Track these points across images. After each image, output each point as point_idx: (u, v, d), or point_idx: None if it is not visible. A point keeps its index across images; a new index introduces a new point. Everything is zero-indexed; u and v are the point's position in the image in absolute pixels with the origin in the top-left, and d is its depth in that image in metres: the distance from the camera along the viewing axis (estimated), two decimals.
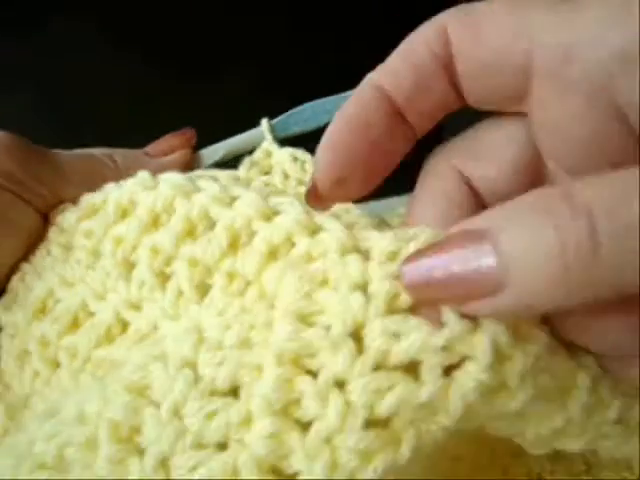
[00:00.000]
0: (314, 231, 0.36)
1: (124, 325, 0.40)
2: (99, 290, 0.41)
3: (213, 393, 0.32)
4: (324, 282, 0.33)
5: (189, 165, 0.56)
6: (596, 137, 0.31)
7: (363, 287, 0.32)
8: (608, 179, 0.26)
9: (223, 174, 0.54)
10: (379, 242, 0.34)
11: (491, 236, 0.26)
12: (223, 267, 0.37)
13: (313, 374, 0.31)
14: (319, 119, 0.57)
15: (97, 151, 0.51)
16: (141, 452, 0.32)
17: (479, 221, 0.28)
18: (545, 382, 0.33)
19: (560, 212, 0.26)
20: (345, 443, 0.30)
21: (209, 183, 0.40)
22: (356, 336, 0.31)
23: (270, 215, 0.37)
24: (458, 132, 0.38)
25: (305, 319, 0.32)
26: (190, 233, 0.39)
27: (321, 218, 0.36)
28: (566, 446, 0.36)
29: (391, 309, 0.31)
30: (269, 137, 0.56)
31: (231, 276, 0.37)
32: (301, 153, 0.56)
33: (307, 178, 0.54)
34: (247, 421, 0.31)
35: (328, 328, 0.31)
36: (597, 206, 0.25)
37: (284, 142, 0.58)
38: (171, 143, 0.55)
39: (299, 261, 0.34)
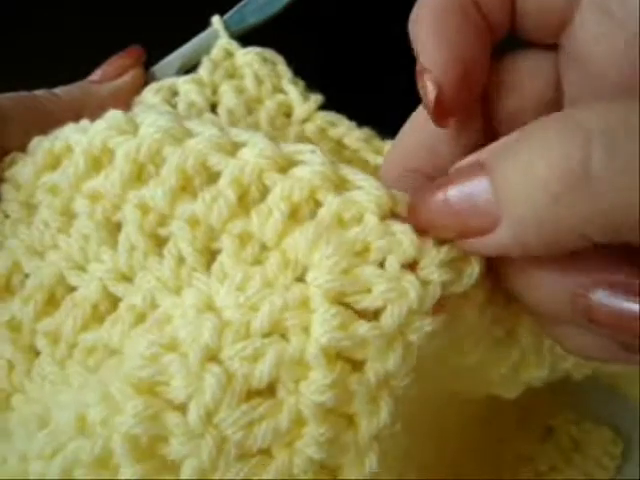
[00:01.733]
0: (343, 186, 0.31)
1: (114, 301, 0.34)
2: (78, 259, 0.34)
3: (250, 395, 0.28)
4: (364, 252, 0.29)
5: (142, 87, 0.48)
6: (628, 76, 0.31)
7: (413, 266, 0.29)
8: (615, 105, 0.25)
9: (183, 81, 0.47)
10: None
11: (488, 169, 0.26)
12: (232, 228, 0.31)
13: (360, 369, 0.29)
14: (274, 4, 0.50)
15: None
16: (173, 468, 0.28)
17: (479, 155, 0.27)
18: (497, 332, 0.34)
19: (553, 137, 0.24)
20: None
21: (204, 126, 0.33)
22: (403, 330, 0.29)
23: (285, 165, 0.31)
24: None
25: (348, 302, 0.29)
26: (186, 187, 0.32)
27: (349, 170, 0.31)
28: (534, 376, 0.37)
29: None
30: (224, 34, 0.49)
31: (243, 239, 0.31)
32: (270, 53, 0.48)
33: (284, 83, 0.47)
34: (298, 425, 0.28)
35: (377, 316, 0.29)
36: (596, 130, 0.24)
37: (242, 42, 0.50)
38: (118, 64, 0.47)
39: (331, 225, 0.30)
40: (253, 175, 0.31)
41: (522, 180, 0.25)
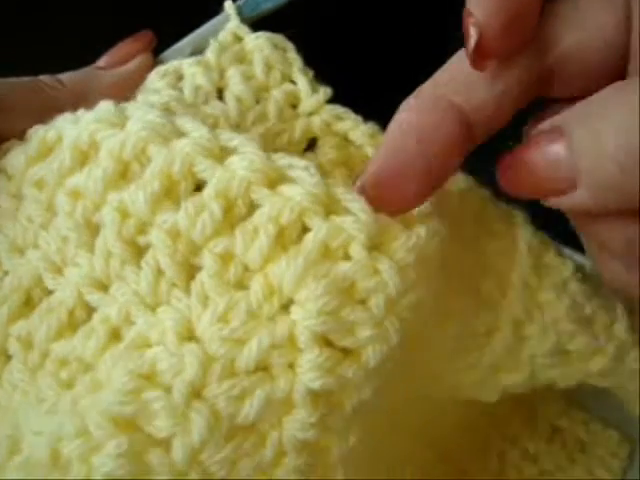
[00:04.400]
0: (332, 209, 0.30)
1: (89, 310, 0.32)
2: (55, 260, 0.33)
3: (234, 433, 0.28)
4: (350, 289, 0.29)
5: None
6: None
7: (395, 310, 0.29)
8: None
9: (189, 63, 0.43)
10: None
11: (566, 133, 0.28)
12: (214, 246, 0.30)
13: (339, 404, 0.29)
14: None
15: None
16: None
17: (558, 119, 0.29)
18: (479, 329, 0.36)
19: (624, 110, 0.26)
20: None
21: (194, 124, 0.31)
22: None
23: (275, 179, 0.30)
24: None
25: (331, 339, 0.29)
26: (169, 193, 0.31)
27: (340, 191, 0.30)
28: (510, 381, 0.38)
29: None
30: (235, 18, 0.45)
31: (225, 259, 0.30)
32: (280, 39, 0.45)
33: (293, 71, 0.44)
34: (279, 457, 0.29)
35: (359, 357, 0.29)
36: None
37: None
38: (127, 50, 0.44)
39: (318, 258, 0.29)
40: (240, 189, 0.30)
41: (593, 148, 0.27)
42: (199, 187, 0.30)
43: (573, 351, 0.37)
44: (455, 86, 0.32)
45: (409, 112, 0.31)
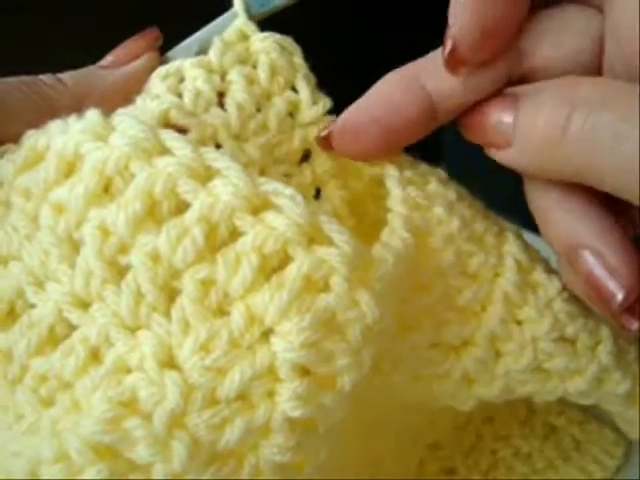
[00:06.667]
0: (316, 239, 0.30)
1: (70, 326, 0.32)
2: (38, 274, 0.33)
3: (214, 459, 0.29)
4: (331, 321, 0.29)
5: None
6: None
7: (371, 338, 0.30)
8: (602, 82, 0.33)
9: (190, 64, 0.41)
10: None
11: (519, 102, 0.33)
12: (196, 273, 0.30)
13: (314, 427, 0.30)
14: None
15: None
16: None
17: (522, 88, 0.35)
18: (453, 341, 0.37)
19: (557, 99, 0.32)
20: None
21: (179, 142, 0.31)
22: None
23: (260, 206, 0.30)
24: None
25: (309, 368, 0.29)
26: (151, 213, 0.31)
27: (324, 220, 0.30)
28: (483, 394, 0.38)
29: None
30: (243, 15, 0.43)
31: (206, 284, 0.30)
32: (288, 42, 0.43)
33: (297, 78, 0.42)
34: (255, 476, 0.29)
35: (334, 384, 0.30)
36: (580, 103, 0.31)
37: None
38: (132, 48, 0.42)
39: (301, 290, 0.29)
40: (224, 214, 0.30)
41: (529, 123, 0.33)
42: (181, 211, 0.30)
43: (551, 370, 0.38)
44: (432, 72, 0.36)
45: (387, 83, 0.37)
